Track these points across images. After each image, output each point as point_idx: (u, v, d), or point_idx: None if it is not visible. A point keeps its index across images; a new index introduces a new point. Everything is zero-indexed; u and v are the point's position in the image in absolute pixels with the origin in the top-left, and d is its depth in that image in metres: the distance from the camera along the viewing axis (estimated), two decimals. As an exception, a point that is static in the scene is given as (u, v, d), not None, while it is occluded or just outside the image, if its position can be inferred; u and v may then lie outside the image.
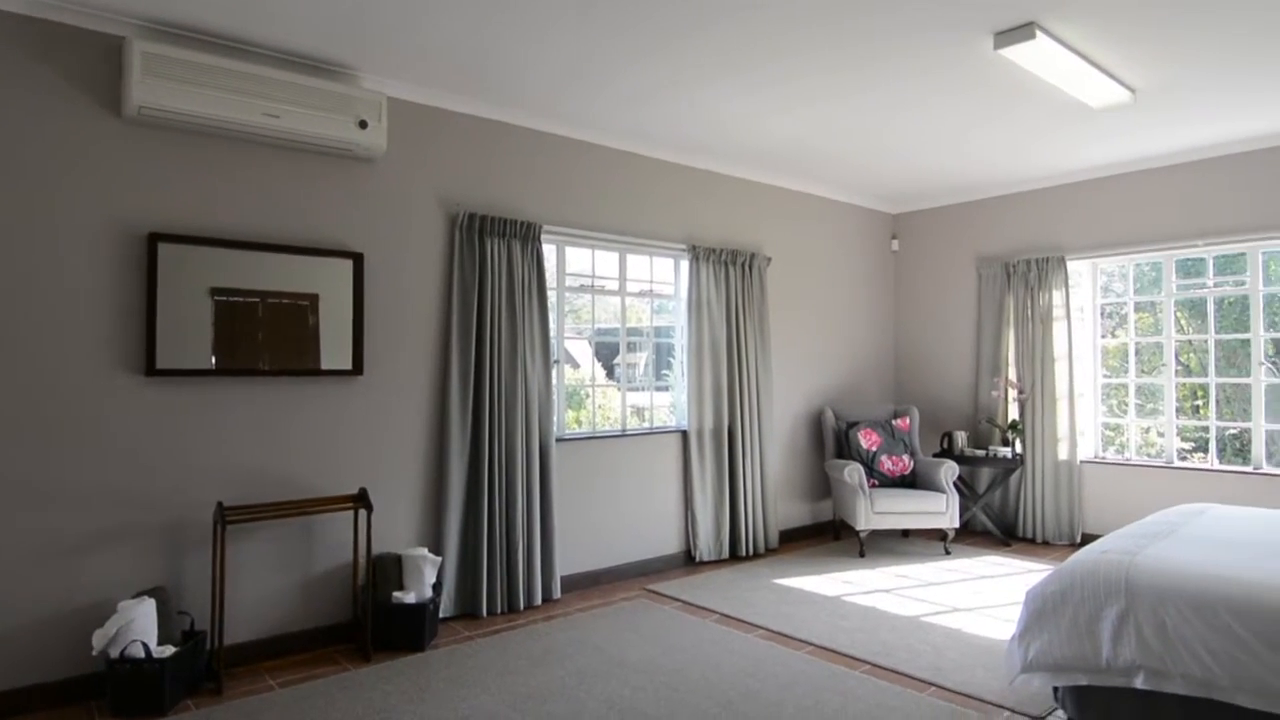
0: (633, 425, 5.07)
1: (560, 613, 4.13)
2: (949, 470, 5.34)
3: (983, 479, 6.16)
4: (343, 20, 3.20)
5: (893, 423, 5.76)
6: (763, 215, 5.74)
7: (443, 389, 4.06)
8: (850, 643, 3.63)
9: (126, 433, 3.20)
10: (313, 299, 3.63)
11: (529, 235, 4.30)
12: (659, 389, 5.28)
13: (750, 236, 5.64)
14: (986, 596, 4.36)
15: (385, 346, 3.90)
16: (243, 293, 3.44)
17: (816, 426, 6.11)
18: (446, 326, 4.09)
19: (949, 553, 5.39)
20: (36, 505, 3.01)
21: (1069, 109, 4.27)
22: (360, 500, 3.56)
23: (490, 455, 4.09)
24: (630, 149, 4.90)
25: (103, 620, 3.10)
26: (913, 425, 5.84)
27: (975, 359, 6.27)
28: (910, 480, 5.59)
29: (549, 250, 4.61)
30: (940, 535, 5.89)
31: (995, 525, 5.85)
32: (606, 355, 5.67)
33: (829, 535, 6.05)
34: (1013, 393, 5.88)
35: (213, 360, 3.36)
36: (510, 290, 4.23)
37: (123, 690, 2.90)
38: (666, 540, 5.07)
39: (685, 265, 5.21)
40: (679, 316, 5.29)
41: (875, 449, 5.56)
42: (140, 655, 2.91)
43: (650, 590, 4.53)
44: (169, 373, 3.24)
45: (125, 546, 3.19)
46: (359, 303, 3.75)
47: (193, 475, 3.35)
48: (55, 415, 3.05)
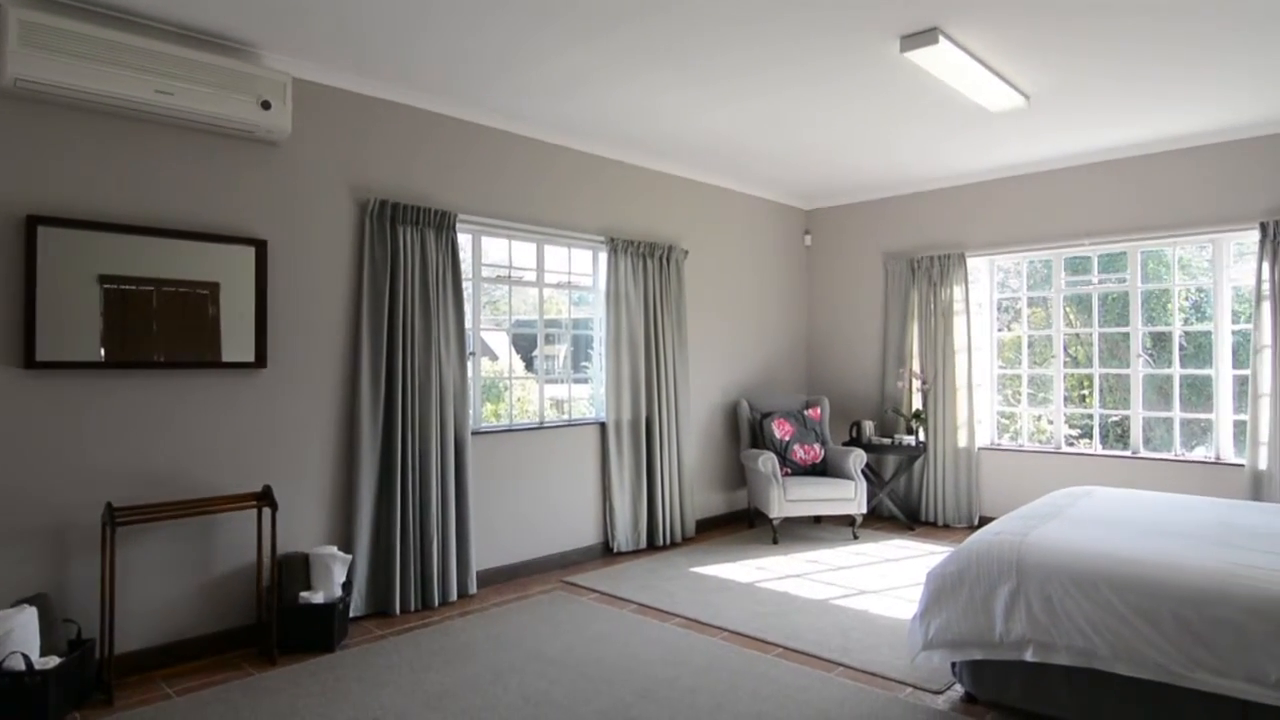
0: (551, 417, 5.05)
1: (476, 608, 4.09)
2: (857, 458, 5.54)
3: (889, 466, 6.42)
4: (243, -5, 3.05)
5: (805, 413, 5.93)
6: (681, 209, 5.80)
7: (353, 381, 3.94)
8: (763, 627, 3.72)
9: (1, 429, 2.97)
10: (213, 288, 3.46)
11: (444, 224, 4.21)
12: (578, 381, 5.27)
13: (668, 230, 5.69)
14: (891, 578, 4.54)
15: (291, 338, 3.75)
16: (136, 280, 3.25)
17: (732, 417, 6.23)
18: (357, 317, 3.97)
19: (857, 537, 5.59)
20: (-102, 509, 2.77)
21: (969, 112, 4.47)
22: (264, 498, 3.42)
23: (403, 449, 3.99)
24: (549, 140, 4.85)
25: (-23, 631, 2.88)
26: (824, 415, 6.02)
27: (882, 351, 6.51)
28: (821, 468, 5.77)
29: (465, 240, 4.53)
30: (849, 521, 6.11)
31: (900, 510, 6.11)
32: (525, 347, 5.62)
33: (744, 523, 6.18)
34: (917, 383, 6.13)
35: (102, 352, 3.16)
36: (424, 280, 4.13)
37: (2, 705, 2.71)
38: (584, 532, 5.07)
39: (604, 257, 5.21)
40: (597, 308, 5.29)
41: (788, 438, 5.71)
42: (20, 668, 2.73)
43: (568, 582, 4.53)
44: (52, 365, 3.03)
45: (2, 552, 2.97)
46: (262, 292, 3.59)
47: (80, 474, 3.14)
48: (-81, 412, 2.82)
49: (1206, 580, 2.42)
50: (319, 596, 3.53)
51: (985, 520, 5.88)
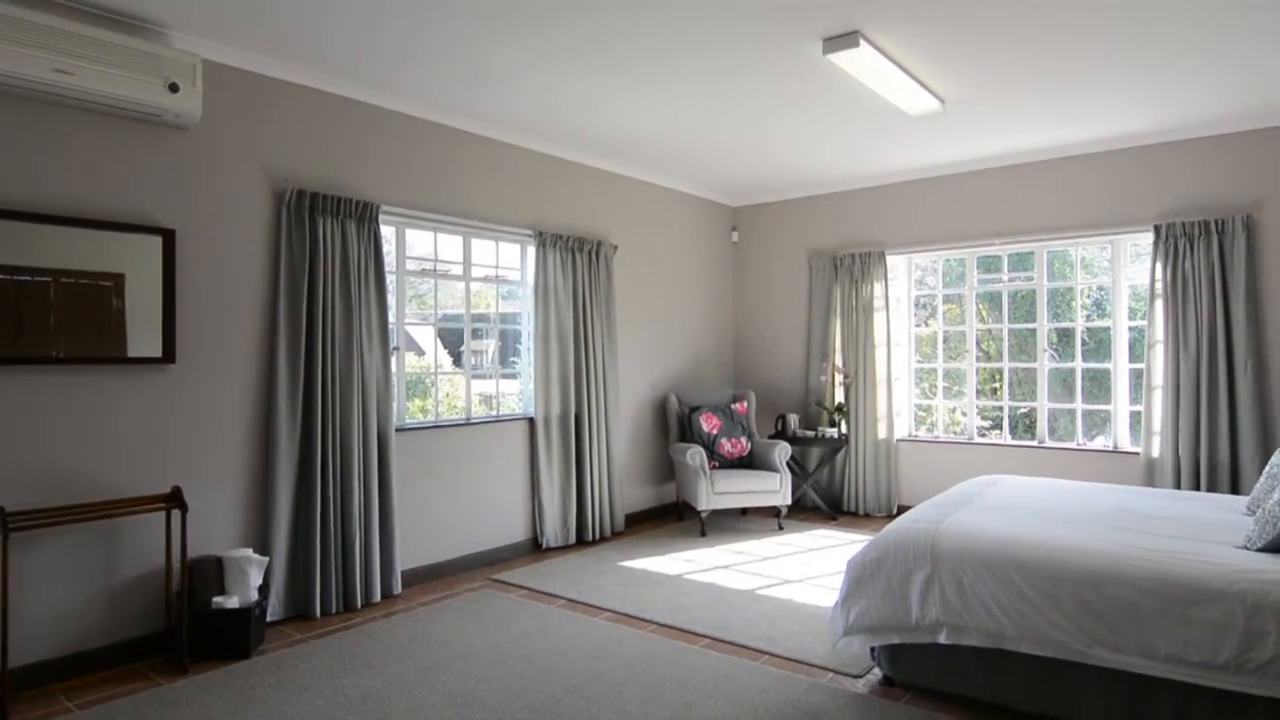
0: (479, 413, 4.98)
1: (401, 608, 4.01)
2: (783, 451, 5.66)
3: (813, 458, 6.57)
4: (148, -28, 2.90)
5: (732, 407, 6.02)
6: (610, 204, 5.80)
7: (269, 377, 3.80)
8: (691, 619, 3.77)
9: (-122, 431, 2.76)
10: (117, 279, 3.28)
11: (365, 215, 4.09)
12: (506, 376, 5.21)
13: (597, 224, 5.68)
14: (815, 567, 4.66)
15: (203, 332, 3.59)
16: (30, 271, 3.06)
17: (661, 412, 6.27)
18: (273, 310, 3.83)
19: (782, 528, 5.72)
20: None
21: (889, 115, 4.61)
22: (173, 500, 3.27)
23: (324, 447, 3.88)
24: (476, 130, 4.78)
25: None
26: (750, 409, 6.13)
27: (806, 346, 6.66)
28: (748, 461, 5.87)
29: (388, 232, 4.42)
30: (775, 512, 6.23)
31: (823, 501, 6.28)
32: (452, 342, 5.53)
33: (673, 517, 6.24)
34: (839, 377, 6.30)
35: (-9, 347, 2.96)
36: (345, 273, 4.02)
37: (-123, 727, 2.52)
38: (513, 528, 5.03)
39: (532, 251, 5.17)
40: (526, 303, 5.24)
41: (716, 432, 5.79)
42: (-100, 685, 2.54)
43: (496, 580, 4.49)
44: (-66, 361, 2.83)
45: (-122, 562, 2.76)
46: (170, 284, 3.43)
47: (-34, 478, 2.94)
48: None
49: (1103, 562, 2.57)
50: (233, 601, 3.40)
51: (904, 509, 6.09)
